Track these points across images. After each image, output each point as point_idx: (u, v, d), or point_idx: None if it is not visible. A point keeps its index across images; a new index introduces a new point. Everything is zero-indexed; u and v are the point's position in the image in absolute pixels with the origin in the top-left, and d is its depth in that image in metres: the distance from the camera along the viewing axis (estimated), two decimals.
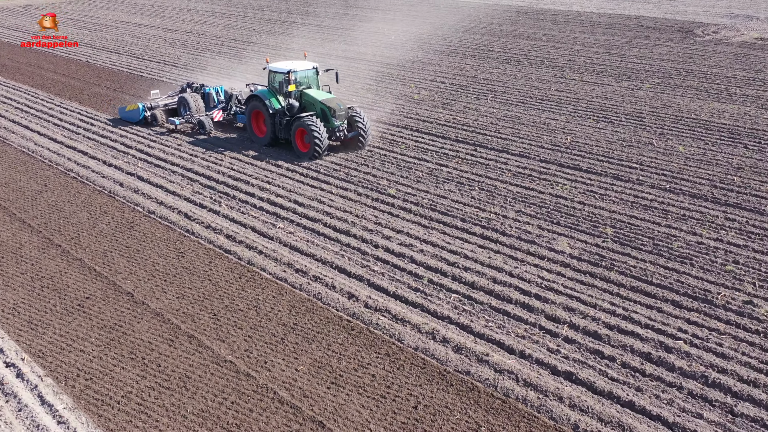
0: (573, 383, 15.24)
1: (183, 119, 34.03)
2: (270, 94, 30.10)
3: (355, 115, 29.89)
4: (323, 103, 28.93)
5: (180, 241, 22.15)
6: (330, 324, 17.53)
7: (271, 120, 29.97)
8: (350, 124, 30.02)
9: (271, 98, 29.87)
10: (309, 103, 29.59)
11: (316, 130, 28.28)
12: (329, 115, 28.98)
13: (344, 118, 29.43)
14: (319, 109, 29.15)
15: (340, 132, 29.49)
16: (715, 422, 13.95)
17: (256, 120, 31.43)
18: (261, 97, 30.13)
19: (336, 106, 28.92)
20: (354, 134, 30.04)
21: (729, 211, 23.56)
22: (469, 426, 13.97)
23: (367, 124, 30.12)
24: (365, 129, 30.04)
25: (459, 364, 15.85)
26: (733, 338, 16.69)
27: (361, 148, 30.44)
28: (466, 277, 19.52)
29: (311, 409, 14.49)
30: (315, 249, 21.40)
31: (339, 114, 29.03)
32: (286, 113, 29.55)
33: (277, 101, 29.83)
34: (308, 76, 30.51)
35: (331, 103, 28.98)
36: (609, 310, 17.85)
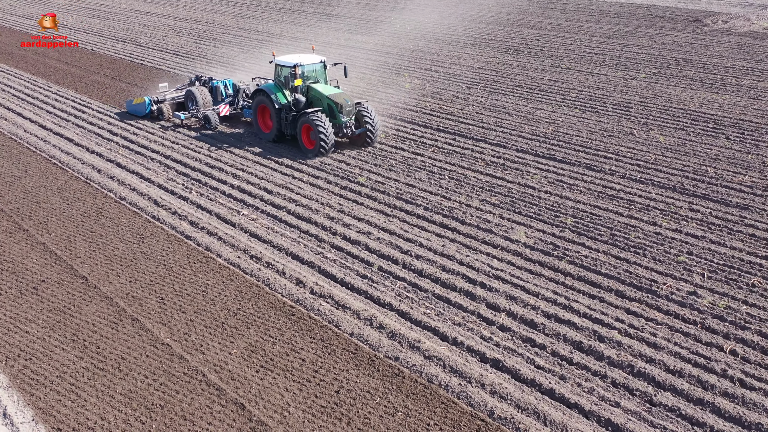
0: (498, 370, 15.37)
1: (188, 114, 33.54)
2: (276, 88, 29.31)
3: (363, 110, 28.90)
4: (330, 99, 28.02)
5: (144, 227, 22.53)
6: (272, 309, 17.80)
7: (276, 115, 29.17)
8: (358, 120, 29.16)
9: (278, 93, 29.12)
10: (316, 98, 28.79)
11: (321, 126, 27.46)
12: (336, 111, 28.01)
13: (352, 114, 28.48)
14: (326, 104, 28.31)
15: (347, 128, 28.62)
16: (631, 411, 14.00)
17: (262, 115, 30.77)
18: (267, 91, 29.37)
19: (343, 101, 27.96)
20: (362, 131, 29.11)
21: (695, 202, 23.41)
22: (386, 410, 14.17)
23: (376, 120, 29.19)
24: (374, 125, 29.06)
25: (390, 350, 16.04)
26: (668, 328, 16.68)
27: (369, 145, 29.58)
28: (415, 264, 19.68)
29: (236, 391, 14.76)
30: (273, 236, 21.68)
31: (346, 110, 28.03)
32: (292, 108, 28.72)
33: (284, 96, 29.03)
34: (316, 70, 29.63)
35: (338, 98, 28.06)
36: (550, 299, 17.91)
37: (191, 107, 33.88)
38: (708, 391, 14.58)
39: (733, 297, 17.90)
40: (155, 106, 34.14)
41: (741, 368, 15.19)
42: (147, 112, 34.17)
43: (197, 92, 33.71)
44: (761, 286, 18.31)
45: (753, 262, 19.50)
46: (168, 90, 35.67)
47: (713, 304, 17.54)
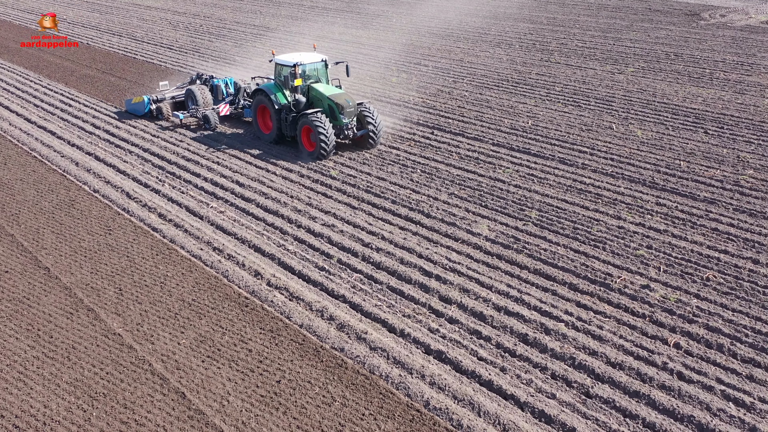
0: (440, 362, 15.50)
1: (187, 113, 32.62)
2: (276, 88, 28.36)
3: (366, 111, 27.91)
4: (331, 99, 27.07)
5: (113, 219, 22.79)
6: (227, 300, 17.99)
7: (276, 116, 28.26)
8: (360, 121, 28.14)
9: (277, 93, 28.16)
10: (316, 98, 27.83)
11: (322, 127, 26.44)
12: (337, 112, 27.03)
13: (353, 115, 27.45)
14: (327, 105, 27.35)
15: (348, 130, 27.60)
16: (566, 402, 14.11)
17: (262, 115, 29.82)
18: (266, 91, 28.45)
19: (344, 102, 26.97)
20: (363, 132, 28.06)
21: (663, 196, 23.43)
22: (324, 400, 14.34)
23: (379, 121, 28.14)
24: (376, 127, 28.04)
25: (337, 341, 16.21)
26: (616, 321, 16.76)
27: (371, 148, 28.61)
28: (374, 257, 19.83)
29: (179, 380, 14.97)
30: (238, 228, 21.88)
31: (347, 111, 27.02)
32: (292, 109, 27.84)
33: (284, 96, 28.06)
34: (317, 69, 28.57)
35: (339, 98, 27.11)
36: (503, 291, 18.02)
37: (191, 106, 33.00)
38: (646, 383, 14.66)
39: (686, 291, 17.93)
40: (154, 105, 33.38)
41: (682, 361, 15.25)
42: (146, 111, 33.45)
43: (197, 91, 32.87)
44: (715, 280, 18.33)
45: (711, 257, 19.52)
46: (168, 88, 34.89)
47: (665, 298, 17.59)
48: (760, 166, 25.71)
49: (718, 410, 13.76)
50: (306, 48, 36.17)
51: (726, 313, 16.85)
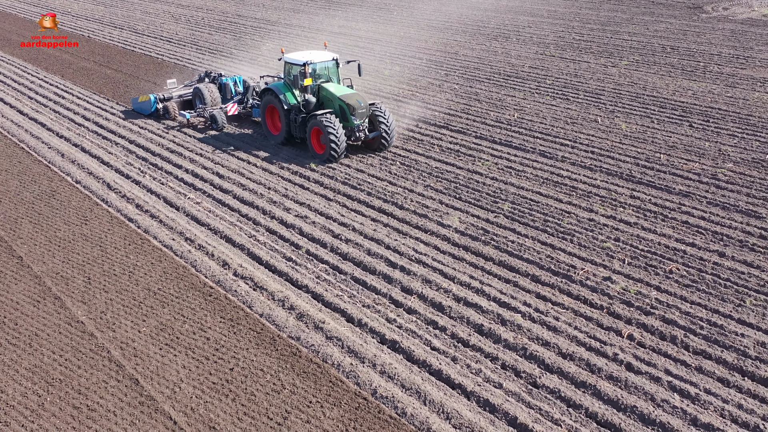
0: (393, 351, 15.67)
1: (194, 113, 31.63)
2: (285, 87, 27.35)
3: (378, 112, 26.82)
4: (341, 100, 26.07)
5: (91, 209, 23.10)
6: (191, 290, 18.25)
7: (285, 116, 27.21)
8: (372, 122, 27.05)
9: (287, 92, 27.12)
10: (327, 98, 26.83)
11: (332, 129, 25.45)
12: (348, 113, 26.03)
13: (365, 117, 26.34)
14: (337, 105, 26.34)
15: (360, 132, 26.55)
16: (511, 392, 14.25)
17: (270, 116, 28.82)
18: (275, 90, 27.41)
19: (356, 103, 25.96)
20: (376, 134, 26.98)
21: (638, 189, 23.45)
22: (273, 388, 14.56)
23: (391, 123, 27.03)
24: (389, 129, 26.99)
25: (294, 331, 16.42)
26: (573, 313, 16.85)
27: (383, 150, 27.54)
28: (342, 248, 20.01)
29: (134, 367, 15.24)
30: (212, 219, 22.12)
31: (359, 112, 26.01)
32: (302, 110, 26.84)
33: (293, 96, 27.04)
34: (327, 67, 27.48)
35: (350, 99, 26.06)
36: (465, 283, 18.15)
37: (198, 106, 32.11)
38: (594, 374, 14.75)
39: (647, 283, 17.99)
40: (161, 104, 32.45)
41: (633, 353, 15.33)
42: (152, 111, 32.56)
43: (205, 90, 31.94)
44: (678, 273, 18.38)
45: (677, 249, 19.56)
46: (176, 87, 33.95)
47: (625, 290, 17.67)
48: (740, 160, 25.64)
49: (662, 401, 13.83)
50: (305, 41, 36.34)
51: (684, 306, 16.89)
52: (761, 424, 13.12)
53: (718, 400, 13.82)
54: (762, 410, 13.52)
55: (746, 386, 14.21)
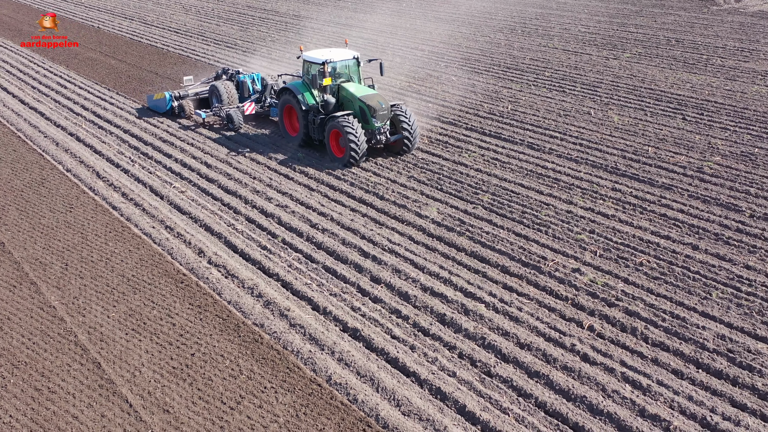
0: (354, 339, 15.87)
1: (210, 112, 30.37)
2: (304, 87, 26.16)
3: (400, 113, 25.52)
4: (362, 101, 24.82)
5: (77, 197, 23.48)
6: (164, 277, 18.54)
7: (303, 117, 26.06)
8: (394, 124, 25.81)
9: (305, 92, 25.94)
10: (347, 99, 25.59)
11: (352, 132, 24.24)
12: (369, 115, 24.77)
13: (386, 119, 25.07)
14: (357, 107, 25.08)
15: (381, 135, 25.26)
16: (464, 381, 14.38)
17: (288, 116, 27.72)
18: (293, 90, 26.17)
19: (377, 104, 24.68)
20: (398, 137, 25.67)
21: (620, 182, 23.43)
22: (231, 373, 14.81)
23: (414, 125, 25.73)
24: (412, 131, 25.68)
25: (259, 318, 16.65)
26: (537, 304, 16.93)
27: (405, 153, 26.31)
28: (317, 237, 20.22)
29: (98, 352, 15.56)
30: (194, 208, 22.41)
31: (380, 114, 24.74)
32: (321, 110, 25.75)
33: (311, 96, 25.87)
34: (348, 66, 26.28)
35: (371, 100, 24.82)
36: (434, 272, 18.28)
37: (215, 104, 31.04)
38: (549, 364, 14.84)
39: (616, 275, 18.02)
40: (176, 102, 31.32)
41: (591, 344, 15.39)
42: (168, 109, 31.49)
43: (222, 88, 30.70)
44: (648, 265, 18.38)
45: (651, 242, 19.54)
46: (192, 84, 32.68)
47: (592, 282, 17.70)
48: (729, 153, 25.49)
49: (613, 391, 13.90)
50: (311, 32, 36.33)
51: (649, 298, 16.90)
52: (708, 416, 13.14)
53: (669, 392, 13.85)
54: (711, 402, 13.54)
55: (699, 378, 14.23)
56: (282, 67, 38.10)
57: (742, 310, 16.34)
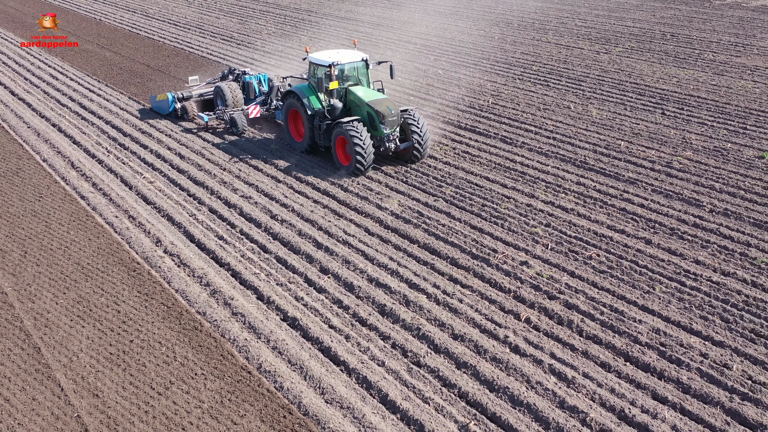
0: (292, 328, 16.07)
1: (213, 115, 29.21)
2: (309, 90, 24.79)
3: (410, 119, 24.11)
4: (370, 106, 23.44)
5: (48, 187, 23.86)
6: (118, 265, 18.84)
7: (309, 122, 24.72)
8: (404, 130, 24.43)
9: (311, 96, 24.60)
10: (354, 104, 24.25)
11: (358, 139, 22.94)
12: (377, 121, 23.38)
13: (395, 125, 23.67)
14: (365, 112, 23.70)
15: (390, 142, 23.84)
16: (391, 370, 14.53)
17: (294, 121, 26.31)
18: (298, 93, 24.86)
19: (386, 110, 23.27)
20: (407, 145, 24.23)
21: (586, 176, 23.42)
22: (165, 359, 15.07)
23: (425, 132, 24.30)
24: (422, 138, 24.24)
25: (203, 306, 16.90)
26: (479, 296, 17.03)
27: (416, 161, 24.85)
28: (275, 228, 20.43)
29: (41, 337, 15.88)
30: (159, 198, 22.71)
31: (389, 120, 23.32)
32: (327, 115, 24.47)
33: (317, 100, 24.57)
34: (356, 68, 24.90)
35: (379, 105, 23.43)
36: (382, 264, 18.42)
37: (218, 106, 29.84)
38: (479, 355, 14.95)
39: (563, 268, 18.06)
40: (179, 104, 30.08)
41: (525, 336, 15.47)
42: (170, 111, 30.32)
43: (227, 89, 29.41)
44: (597, 259, 18.41)
45: (605, 236, 19.55)
46: (197, 84, 31.46)
47: (538, 275, 17.76)
48: (701, 148, 25.38)
49: (537, 383, 13.99)
50: (309, 26, 36.43)
51: (591, 291, 16.95)
52: (627, 408, 13.21)
53: (593, 384, 13.92)
54: (633, 395, 13.60)
55: (626, 371, 14.28)
56: (273, 60, 38.37)
57: (682, 305, 16.30)
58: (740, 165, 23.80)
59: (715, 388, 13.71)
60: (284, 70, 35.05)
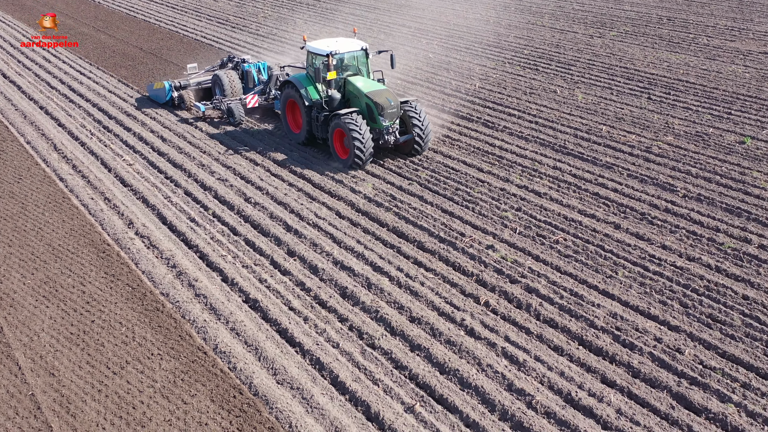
0: (252, 310, 16.20)
1: (210, 104, 28.45)
2: (307, 81, 24.11)
3: (411, 111, 23.41)
4: (369, 97, 22.70)
5: (29, 168, 24.06)
6: (89, 246, 19.02)
7: (307, 114, 24.02)
8: (404, 122, 23.72)
9: (308, 87, 23.91)
10: (353, 95, 23.48)
11: (357, 132, 22.20)
12: (376, 113, 22.65)
13: (395, 117, 22.95)
14: (364, 104, 22.96)
15: (389, 135, 23.17)
16: (345, 352, 14.65)
17: (291, 112, 25.59)
18: (296, 84, 24.17)
19: (385, 101, 22.58)
20: (408, 138, 23.55)
21: (563, 160, 23.37)
22: (124, 340, 15.24)
23: (426, 123, 23.52)
24: (423, 131, 23.51)
25: (167, 287, 17.05)
26: (441, 279, 17.08)
27: (416, 155, 24.18)
28: (246, 211, 20.55)
29: (5, 317, 16.10)
30: (137, 180, 22.85)
31: (388, 112, 22.62)
32: (324, 107, 23.85)
33: (315, 91, 23.87)
34: (356, 57, 24.15)
35: (378, 97, 22.72)
36: (349, 247, 18.51)
37: (216, 96, 29.06)
38: (434, 338, 15.02)
39: (528, 252, 18.10)
40: (176, 93, 29.38)
41: (482, 319, 15.54)
42: (167, 100, 29.59)
43: (225, 77, 28.65)
44: (564, 243, 18.41)
45: (574, 220, 19.54)
46: (196, 72, 30.64)
47: (503, 258, 17.80)
48: (683, 133, 25.27)
49: (488, 366, 14.05)
50: (304, 8, 36.23)
51: (554, 275, 16.97)
52: (574, 392, 13.27)
53: (544, 368, 13.98)
54: (582, 378, 13.66)
55: (578, 355, 14.32)
56: (266, 43, 38.39)
57: (642, 290, 16.31)
58: (720, 150, 23.65)
59: (665, 372, 13.69)
60: (277, 54, 35.12)
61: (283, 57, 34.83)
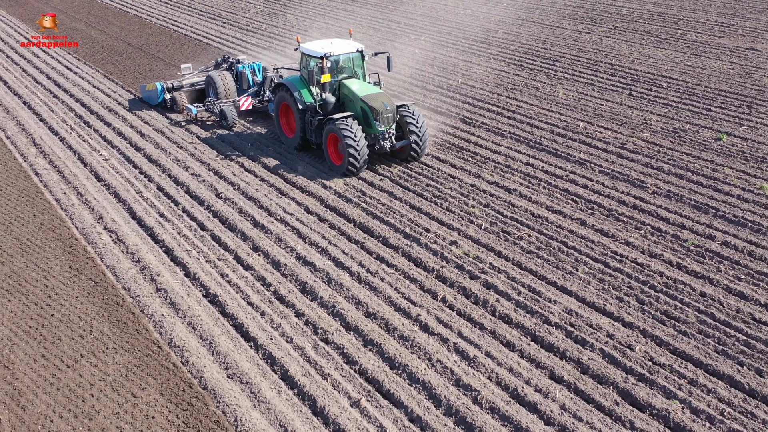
0: (211, 305, 16.30)
1: (202, 106, 27.73)
2: (301, 83, 23.38)
3: (408, 116, 22.74)
4: (364, 101, 21.96)
5: (6, 163, 24.22)
6: (56, 241, 19.16)
7: (300, 118, 23.32)
8: (401, 127, 22.98)
9: (302, 89, 23.19)
10: (347, 98, 22.78)
11: (351, 138, 21.49)
12: (371, 118, 21.93)
13: (392, 122, 22.21)
14: (359, 108, 22.23)
15: (385, 140, 22.47)
16: (298, 347, 14.74)
17: (285, 115, 24.81)
18: (289, 87, 23.41)
19: (381, 105, 21.80)
20: (405, 143, 22.80)
21: (537, 156, 23.40)
22: (81, 333, 15.35)
23: (424, 128, 22.77)
24: (420, 136, 22.77)
25: (129, 282, 17.16)
26: (402, 275, 17.15)
27: (413, 161, 23.49)
28: (216, 206, 20.64)
29: None
30: (110, 175, 22.97)
31: (384, 116, 21.89)
32: (319, 110, 23.17)
33: (309, 94, 23.14)
34: (351, 59, 23.43)
35: (374, 101, 21.94)
36: (313, 242, 18.59)
37: (209, 97, 28.33)
38: (388, 333, 15.11)
39: (491, 248, 18.14)
40: (169, 94, 28.57)
41: (436, 315, 15.59)
42: (160, 101, 28.85)
43: (218, 79, 27.80)
44: (527, 239, 18.43)
45: (540, 216, 19.58)
46: (190, 73, 30.01)
47: (465, 254, 17.85)
48: (661, 129, 25.26)
49: (438, 361, 14.11)
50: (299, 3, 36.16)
51: (513, 271, 17.02)
52: (521, 387, 13.32)
53: (493, 363, 14.03)
54: (530, 374, 13.70)
55: (528, 351, 14.37)
56: (256, 39, 38.44)
57: (601, 286, 16.34)
58: (695, 147, 23.63)
59: (613, 368, 13.74)
60: (264, 50, 35.24)
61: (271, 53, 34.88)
